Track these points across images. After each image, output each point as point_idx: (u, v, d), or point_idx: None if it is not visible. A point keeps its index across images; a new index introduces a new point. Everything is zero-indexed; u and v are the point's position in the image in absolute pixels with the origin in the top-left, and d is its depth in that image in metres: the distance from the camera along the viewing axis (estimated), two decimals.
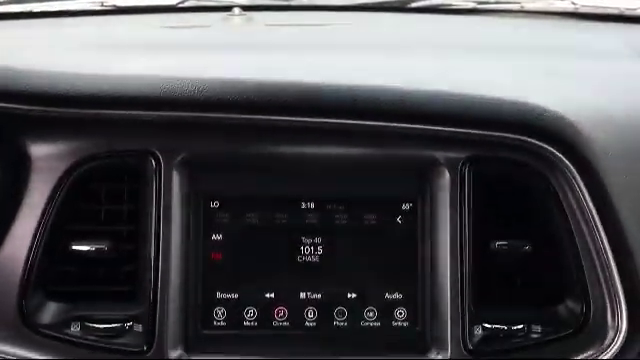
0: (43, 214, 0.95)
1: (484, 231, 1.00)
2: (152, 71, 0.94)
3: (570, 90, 1.00)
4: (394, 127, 0.95)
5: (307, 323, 0.99)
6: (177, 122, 0.95)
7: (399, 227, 1.01)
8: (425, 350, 0.98)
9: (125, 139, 0.97)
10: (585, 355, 0.97)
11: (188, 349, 0.97)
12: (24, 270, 0.95)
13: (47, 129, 0.95)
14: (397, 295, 1.00)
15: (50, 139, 0.96)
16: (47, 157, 0.95)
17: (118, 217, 0.99)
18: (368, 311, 0.99)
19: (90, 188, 0.98)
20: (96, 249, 0.96)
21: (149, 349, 0.95)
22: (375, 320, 0.99)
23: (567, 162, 0.96)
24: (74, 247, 0.96)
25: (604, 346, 0.97)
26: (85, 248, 0.96)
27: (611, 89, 1.03)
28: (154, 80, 0.92)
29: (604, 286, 0.97)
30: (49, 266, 0.97)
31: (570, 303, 1.00)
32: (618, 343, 0.96)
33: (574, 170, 0.96)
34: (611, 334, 0.97)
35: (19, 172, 0.95)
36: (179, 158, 0.97)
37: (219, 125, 0.96)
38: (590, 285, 0.98)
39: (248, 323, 0.98)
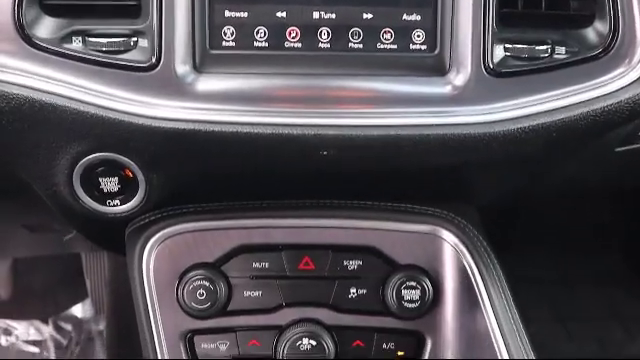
0: None
1: None
2: None
3: None
4: None
5: (320, 44, 0.93)
6: None
7: None
8: (444, 71, 0.94)
9: None
10: (613, 74, 0.93)
11: (196, 67, 0.92)
12: None
13: None
14: (415, 16, 0.94)
15: None
16: None
17: None
18: (384, 33, 0.94)
19: None
20: None
21: (156, 64, 0.90)
22: (392, 42, 0.94)
23: None
24: None
25: (633, 63, 0.93)
26: None
27: None
28: None
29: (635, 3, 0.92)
30: None
31: (598, 24, 0.94)
32: None
33: None
34: None
35: None
36: None
37: None
38: (620, 2, 0.92)
39: (258, 44, 0.93)
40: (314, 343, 1.06)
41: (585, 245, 2.56)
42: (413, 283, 1.06)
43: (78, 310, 2.41)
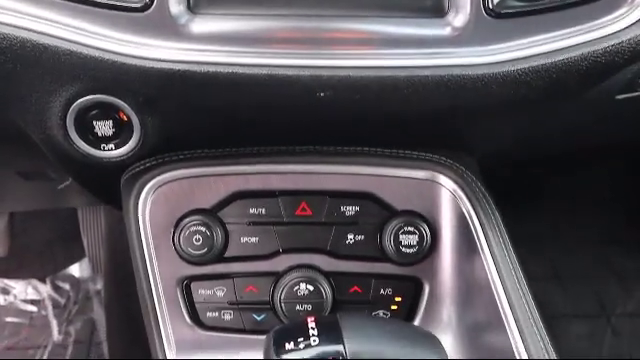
0: None
1: None
2: None
3: None
4: None
5: None
6: None
7: None
8: (443, 13, 0.92)
9: None
10: (614, 15, 0.91)
11: (190, 7, 0.90)
12: None
13: None
14: None
15: None
16: None
17: None
18: None
19: None
20: None
21: (150, 4, 0.88)
22: None
23: None
24: None
25: (635, 3, 0.91)
26: None
27: None
28: None
29: None
30: None
31: None
32: None
33: None
34: None
35: None
36: None
37: None
38: None
39: None
40: (311, 288, 1.06)
41: (584, 204, 2.56)
42: (411, 228, 1.06)
43: (76, 270, 2.42)
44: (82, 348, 2.18)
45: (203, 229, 1.04)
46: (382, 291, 1.08)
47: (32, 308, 2.31)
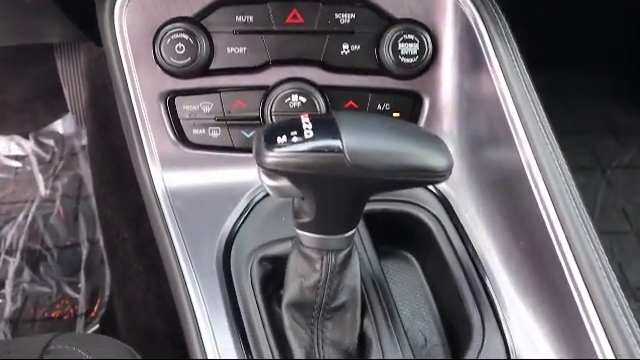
0: None
1: None
2: None
3: None
4: None
5: None
6: None
7: None
8: None
9: None
10: None
11: None
12: None
13: None
14: None
15: None
16: None
17: None
18: None
19: None
20: None
21: None
22: None
23: None
24: None
25: None
26: None
27: None
28: None
29: None
30: None
31: None
32: None
33: None
34: None
35: None
36: None
37: None
38: None
39: None
40: (304, 100, 0.99)
41: (582, 59, 2.48)
42: (411, 36, 0.98)
43: (59, 126, 2.35)
44: (70, 202, 2.14)
45: (186, 37, 0.96)
46: (379, 106, 1.01)
47: (16, 164, 2.25)
